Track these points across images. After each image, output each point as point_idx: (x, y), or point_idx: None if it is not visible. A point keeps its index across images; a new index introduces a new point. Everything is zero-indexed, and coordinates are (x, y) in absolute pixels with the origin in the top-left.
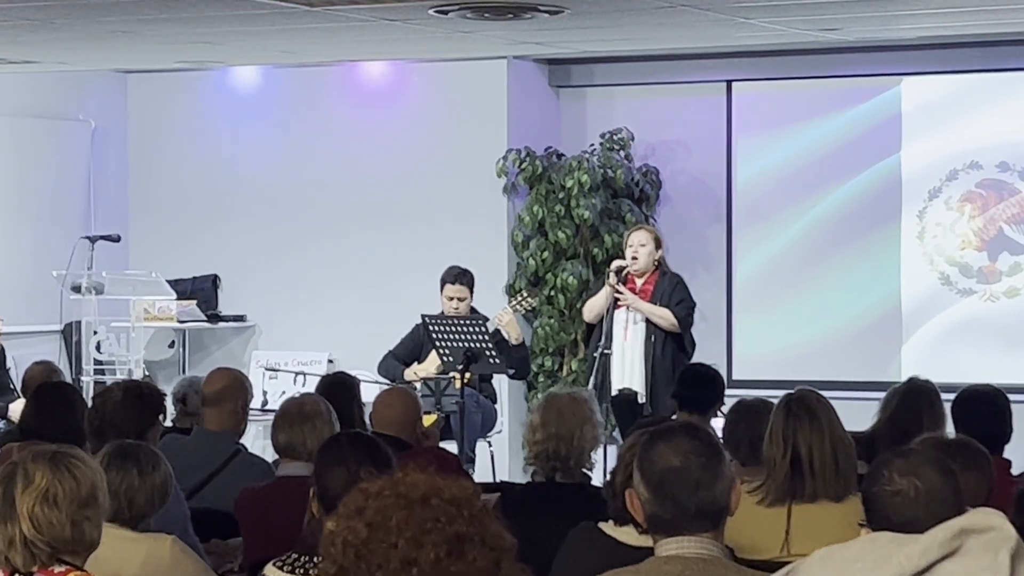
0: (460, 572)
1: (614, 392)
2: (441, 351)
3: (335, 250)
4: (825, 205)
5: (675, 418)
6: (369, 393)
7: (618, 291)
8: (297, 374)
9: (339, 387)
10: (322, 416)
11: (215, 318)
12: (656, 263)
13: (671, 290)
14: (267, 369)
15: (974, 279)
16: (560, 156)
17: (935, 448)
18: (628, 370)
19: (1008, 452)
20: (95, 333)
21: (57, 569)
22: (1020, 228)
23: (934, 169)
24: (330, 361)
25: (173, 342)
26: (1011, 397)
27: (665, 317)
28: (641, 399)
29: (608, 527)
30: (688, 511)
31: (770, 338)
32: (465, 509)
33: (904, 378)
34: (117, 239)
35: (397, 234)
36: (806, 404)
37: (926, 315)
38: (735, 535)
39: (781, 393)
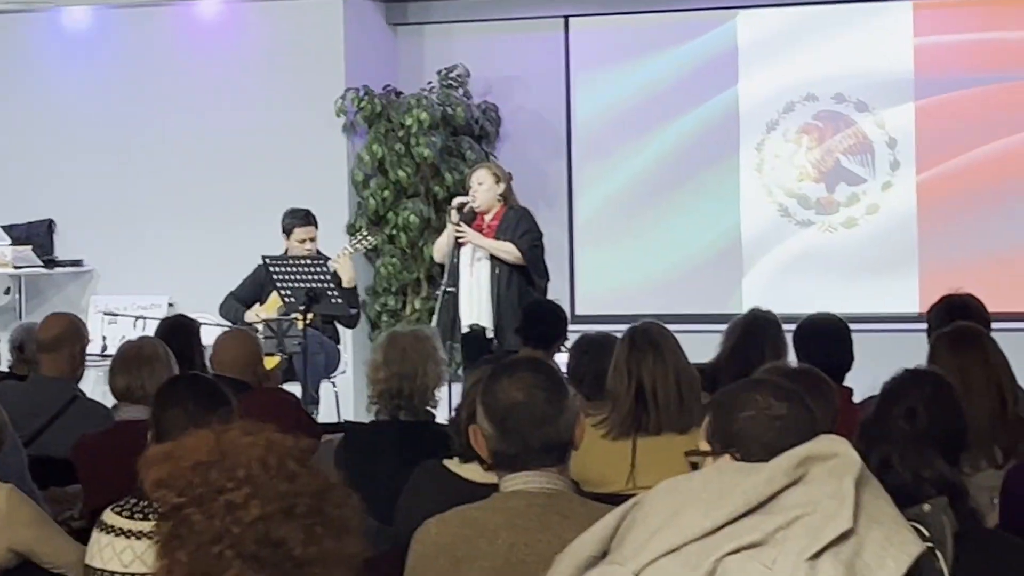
0: (286, 533)
1: (464, 330)
2: (282, 292)
3: (173, 192)
4: (664, 140)
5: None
6: (210, 336)
7: (458, 229)
8: (137, 318)
9: (179, 330)
10: (160, 359)
11: (51, 263)
12: (501, 198)
13: (516, 223)
14: (105, 314)
15: (812, 210)
16: (399, 94)
17: (779, 376)
18: (475, 307)
19: (849, 381)
20: None
21: None
22: (857, 159)
23: (771, 102)
24: (170, 305)
25: (8, 288)
26: (851, 327)
27: (509, 251)
28: (489, 335)
29: (453, 464)
30: (532, 446)
31: (612, 273)
32: (290, 461)
33: (745, 310)
34: None
35: (236, 175)
36: (650, 336)
37: (766, 247)
38: (580, 469)
39: (624, 328)
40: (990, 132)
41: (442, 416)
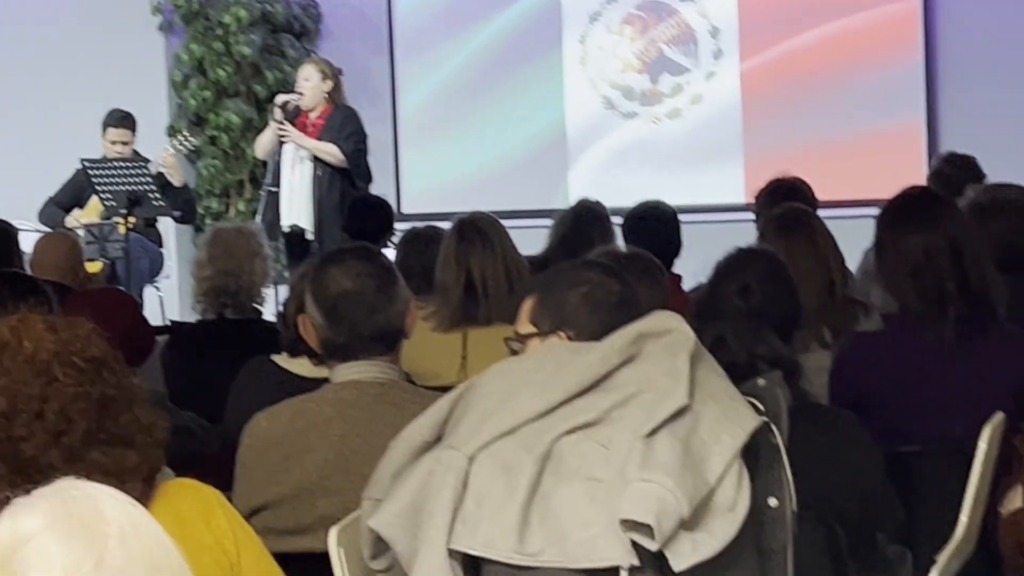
0: (111, 434)
1: (285, 229)
2: (103, 196)
3: None
4: (487, 34)
5: None
6: (30, 243)
7: (281, 128)
8: None
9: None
10: None
11: None
12: (328, 96)
13: (340, 123)
14: None
15: (637, 102)
16: None
17: (610, 260)
18: (296, 207)
19: (677, 270)
20: None
21: None
22: (680, 49)
23: None
24: None
25: None
26: (679, 218)
27: (332, 153)
28: (309, 236)
29: (282, 359)
30: (363, 335)
31: (437, 171)
32: (105, 369)
33: (573, 203)
34: None
35: (51, 78)
36: (478, 227)
37: (591, 140)
38: (412, 362)
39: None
40: (812, 19)
41: (269, 315)
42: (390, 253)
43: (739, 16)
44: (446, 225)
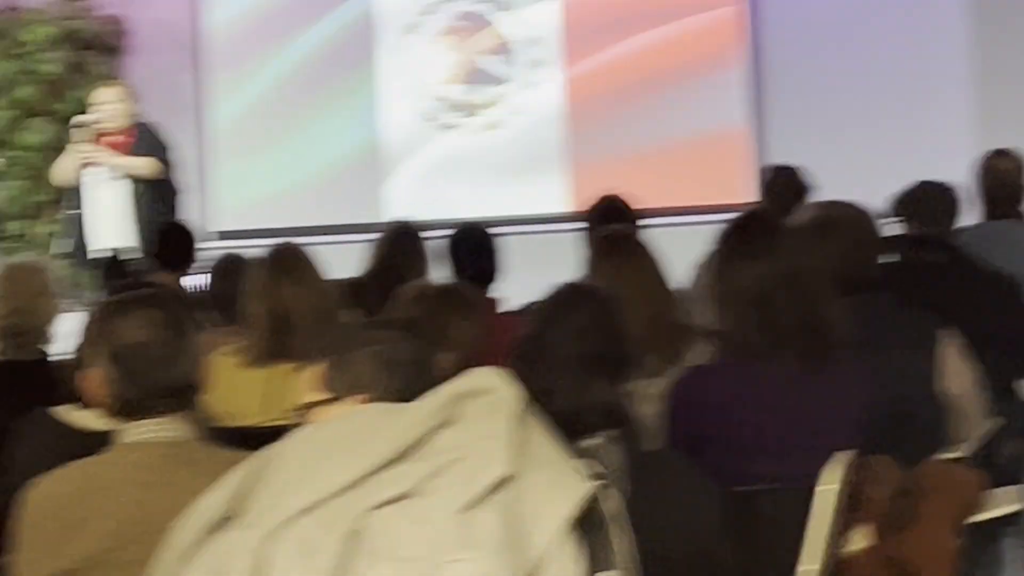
0: None
1: (95, 255)
2: None
3: None
4: (299, 45)
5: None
6: None
7: (85, 150)
8: None
9: None
10: None
11: None
12: (130, 116)
13: (147, 138)
14: None
15: (456, 113)
16: (18, 10)
17: (426, 294)
18: (112, 229)
19: (505, 285)
20: None
21: None
22: (499, 59)
23: (410, 3)
24: None
25: None
26: (501, 230)
27: (145, 167)
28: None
29: (63, 411)
30: (154, 390)
31: (251, 186)
32: None
33: (387, 218)
34: None
35: None
36: (285, 258)
37: (408, 152)
38: (214, 402)
39: (267, 242)
40: (636, 25)
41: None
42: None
43: (564, 24)
44: (262, 244)
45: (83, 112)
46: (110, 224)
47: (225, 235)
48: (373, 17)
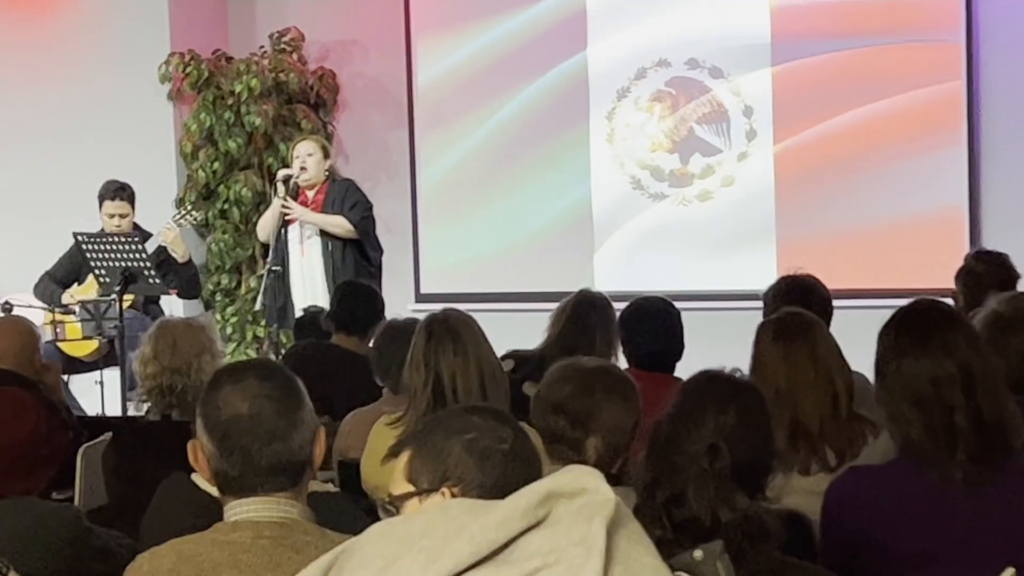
0: None
1: (298, 312)
2: (97, 272)
3: None
4: (511, 107)
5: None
6: (34, 319)
7: (285, 206)
8: None
9: None
10: None
11: None
12: (327, 173)
13: (343, 195)
14: None
15: (666, 183)
16: (229, 59)
17: (575, 372)
18: (310, 287)
19: (700, 361)
20: None
21: None
22: (711, 128)
23: (622, 68)
24: None
25: None
26: (704, 304)
27: (340, 225)
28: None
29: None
30: (260, 467)
31: (458, 248)
32: None
33: (598, 287)
34: None
35: (57, 147)
36: (448, 326)
37: (618, 221)
38: (374, 475)
39: (471, 307)
40: (849, 100)
41: None
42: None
43: (773, 95)
44: (466, 308)
45: (288, 165)
46: (306, 281)
47: (433, 298)
48: (587, 80)
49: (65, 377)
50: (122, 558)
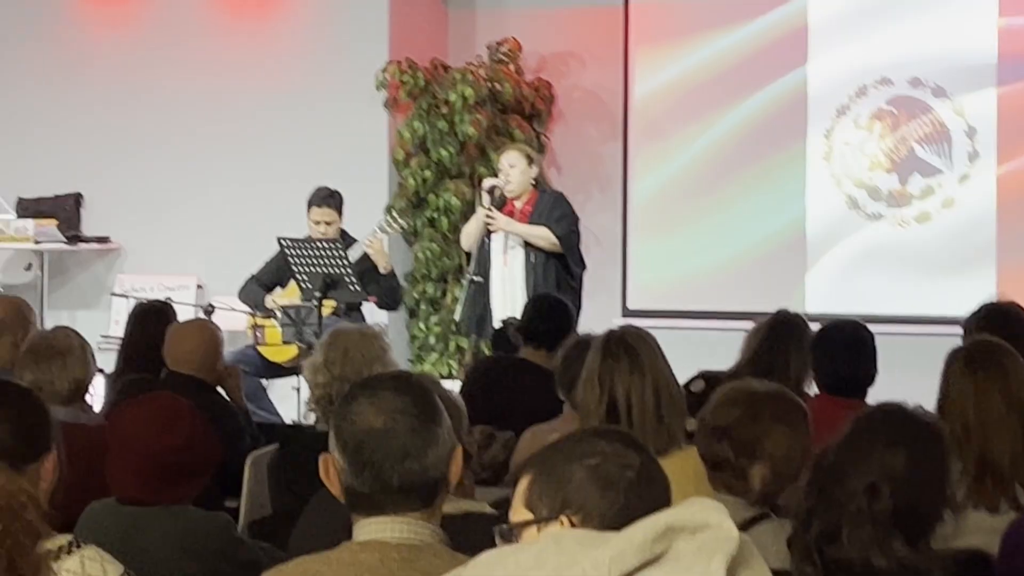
0: None
1: (496, 324)
2: (298, 277)
3: (205, 169)
4: (727, 123)
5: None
6: (236, 322)
7: (489, 215)
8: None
9: (152, 317)
10: (75, 352)
11: (76, 239)
12: (534, 182)
13: (550, 207)
14: (115, 295)
15: (883, 203)
16: (445, 68)
17: (742, 394)
18: (509, 298)
19: (902, 390)
20: None
21: None
22: (933, 149)
23: (842, 85)
24: (199, 287)
25: (30, 264)
26: (917, 329)
27: (544, 236)
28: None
29: None
30: (390, 485)
31: (668, 264)
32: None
33: (809, 308)
34: None
35: (270, 151)
36: (626, 343)
37: (832, 241)
38: None
39: (678, 324)
40: None
41: None
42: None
43: (998, 116)
44: (673, 324)
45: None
46: (507, 293)
47: (640, 314)
48: (806, 97)
49: (265, 382)
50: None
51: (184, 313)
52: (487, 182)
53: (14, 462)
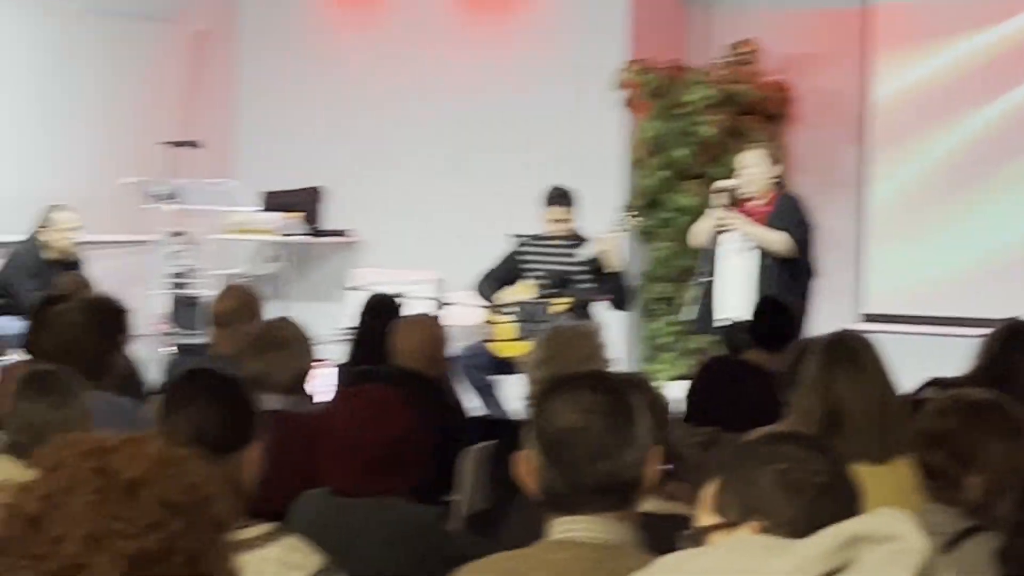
0: None
1: (719, 323)
2: (532, 274)
3: (442, 165)
4: (971, 127)
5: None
6: (470, 318)
7: (724, 216)
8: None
9: (379, 310)
10: (298, 343)
11: (317, 232)
12: (774, 183)
13: (788, 211)
14: (348, 289)
15: None
16: (684, 69)
17: (946, 401)
18: (740, 300)
19: None
20: (171, 244)
21: None
22: None
23: None
24: (439, 280)
25: (274, 256)
26: None
27: (779, 240)
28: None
29: None
30: (585, 484)
31: (906, 269)
32: (179, 517)
33: None
34: (195, 145)
35: (507, 149)
36: (848, 347)
37: None
38: None
39: (916, 329)
40: None
41: None
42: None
43: None
44: (911, 330)
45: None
46: (735, 294)
47: (871, 318)
48: None
49: (496, 378)
50: None
51: (420, 309)
52: (722, 183)
53: (219, 450)
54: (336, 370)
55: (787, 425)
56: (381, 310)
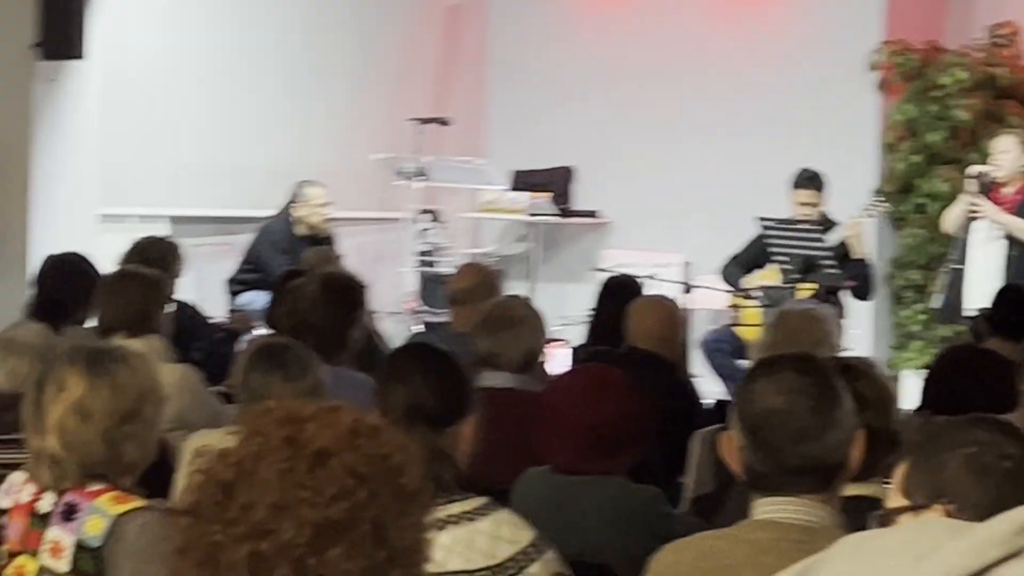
0: (317, 568)
1: (967, 312)
2: (778, 258)
3: (692, 147)
4: None
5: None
6: (717, 302)
7: (975, 203)
8: (646, 277)
9: (619, 291)
10: (530, 322)
11: (567, 212)
12: None
13: None
14: (597, 270)
15: None
16: (941, 51)
17: None
18: (987, 288)
19: None
20: (420, 222)
21: (92, 487)
22: None
23: None
24: (687, 264)
25: (523, 236)
26: None
27: None
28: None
29: None
30: (787, 466)
31: None
32: (365, 487)
33: None
34: (444, 123)
35: (756, 131)
36: None
37: None
38: None
39: None
40: None
41: None
42: None
43: None
44: None
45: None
46: (983, 283)
47: None
48: None
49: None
50: None
51: (665, 291)
52: (973, 169)
53: (433, 424)
54: (571, 351)
55: (1022, 414)
56: (620, 292)
